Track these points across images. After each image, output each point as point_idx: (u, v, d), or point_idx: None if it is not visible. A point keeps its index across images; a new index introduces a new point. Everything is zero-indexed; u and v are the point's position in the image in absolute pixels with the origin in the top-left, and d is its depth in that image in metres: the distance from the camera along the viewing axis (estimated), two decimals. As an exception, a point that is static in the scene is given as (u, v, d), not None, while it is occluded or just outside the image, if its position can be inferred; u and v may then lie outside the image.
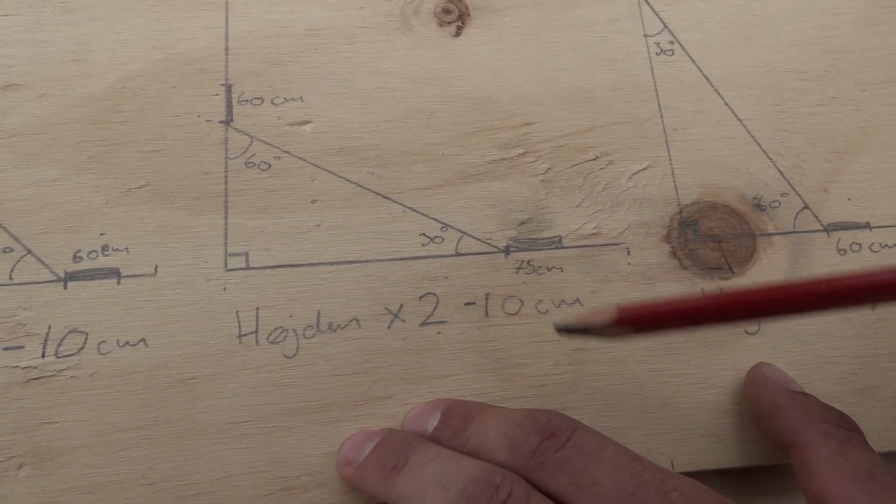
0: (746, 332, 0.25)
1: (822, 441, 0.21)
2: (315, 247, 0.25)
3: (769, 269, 0.26)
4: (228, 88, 0.27)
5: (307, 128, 0.26)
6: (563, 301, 0.25)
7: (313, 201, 0.25)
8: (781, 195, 0.27)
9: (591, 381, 0.24)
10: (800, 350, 0.25)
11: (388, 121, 0.27)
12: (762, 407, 0.23)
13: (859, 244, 0.26)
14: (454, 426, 0.22)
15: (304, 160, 0.26)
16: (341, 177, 0.26)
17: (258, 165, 0.26)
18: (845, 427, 0.21)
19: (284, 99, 0.27)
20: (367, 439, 0.22)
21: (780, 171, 0.27)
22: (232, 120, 0.26)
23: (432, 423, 0.22)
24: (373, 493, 0.21)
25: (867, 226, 0.27)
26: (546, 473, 0.19)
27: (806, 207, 0.27)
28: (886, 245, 0.26)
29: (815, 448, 0.21)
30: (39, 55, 0.26)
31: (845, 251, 0.26)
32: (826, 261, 0.26)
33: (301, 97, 0.27)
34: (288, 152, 0.26)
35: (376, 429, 0.23)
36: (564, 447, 0.20)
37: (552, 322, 0.23)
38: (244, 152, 0.26)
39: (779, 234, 0.26)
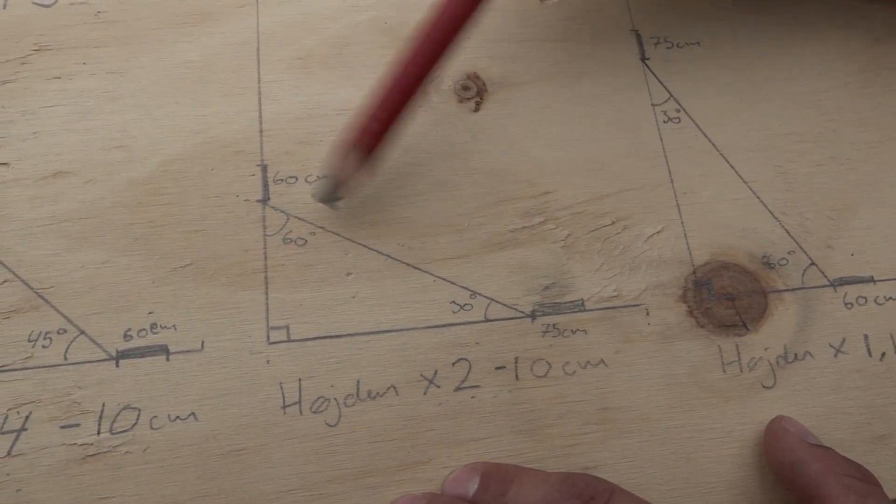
0: (763, 387, 0.26)
1: (842, 494, 0.22)
2: (352, 318, 0.26)
3: (781, 324, 0.27)
4: (264, 168, 0.28)
5: (339, 203, 0.28)
6: (588, 362, 0.26)
7: (348, 274, 0.27)
8: (789, 253, 0.28)
9: (618, 439, 0.25)
10: (814, 402, 0.26)
11: (416, 194, 0.28)
12: (783, 460, 0.24)
13: (865, 297, 0.28)
14: (494, 490, 0.23)
15: (338, 235, 0.27)
16: (373, 249, 0.27)
17: (295, 241, 0.27)
18: (864, 480, 0.22)
19: (317, 177, 0.28)
20: (414, 502, 0.23)
21: (785, 229, 0.29)
22: (268, 199, 0.28)
23: (472, 486, 0.23)
24: None
25: (871, 279, 0.28)
26: None
27: (812, 264, 0.28)
28: (891, 297, 0.28)
29: (836, 501, 0.22)
30: (85, 143, 0.28)
31: (852, 304, 0.28)
32: (834, 315, 0.28)
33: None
34: (322, 228, 0.28)
35: (419, 493, 0.24)
36: None
37: (313, 196, 0.27)
38: (281, 229, 0.27)
39: (788, 290, 0.28)
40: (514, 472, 0.23)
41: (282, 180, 0.28)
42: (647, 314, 0.27)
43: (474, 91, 0.30)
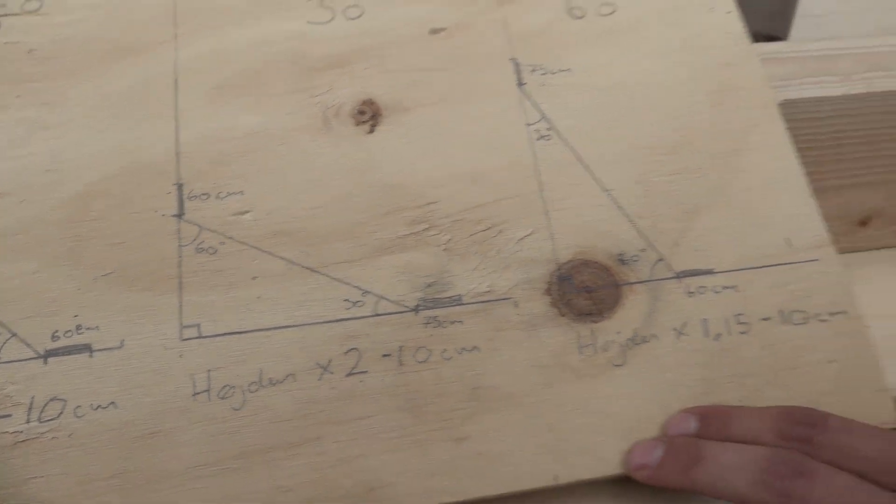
0: (614, 365, 0.31)
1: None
2: (257, 316, 0.30)
3: (632, 311, 0.32)
4: (180, 187, 0.32)
5: (247, 216, 0.32)
6: (463, 348, 0.30)
7: (254, 278, 0.31)
8: (641, 251, 0.33)
9: (486, 414, 0.29)
10: (658, 377, 0.30)
11: (316, 207, 0.32)
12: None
13: (704, 287, 0.32)
14: (717, 426, 0.27)
15: (246, 244, 0.31)
16: (277, 256, 0.31)
17: (207, 250, 0.31)
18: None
19: (228, 193, 0.32)
20: (653, 447, 0.27)
21: (639, 231, 0.33)
22: (184, 213, 0.31)
23: (692, 425, 0.28)
24: (675, 486, 0.26)
25: (711, 271, 0.33)
26: (817, 452, 0.25)
27: (661, 259, 0.33)
28: (727, 286, 0.32)
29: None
30: (20, 167, 0.32)
31: (693, 293, 0.32)
32: (677, 302, 0.32)
33: (242, 191, 0.32)
34: (231, 238, 0.31)
35: (653, 439, 0.28)
36: (826, 429, 0.25)
37: None
38: (194, 240, 0.31)
39: (639, 282, 0.32)
40: (732, 410, 0.27)
41: (196, 197, 0.32)
42: (516, 306, 0.31)
43: (369, 115, 0.34)
